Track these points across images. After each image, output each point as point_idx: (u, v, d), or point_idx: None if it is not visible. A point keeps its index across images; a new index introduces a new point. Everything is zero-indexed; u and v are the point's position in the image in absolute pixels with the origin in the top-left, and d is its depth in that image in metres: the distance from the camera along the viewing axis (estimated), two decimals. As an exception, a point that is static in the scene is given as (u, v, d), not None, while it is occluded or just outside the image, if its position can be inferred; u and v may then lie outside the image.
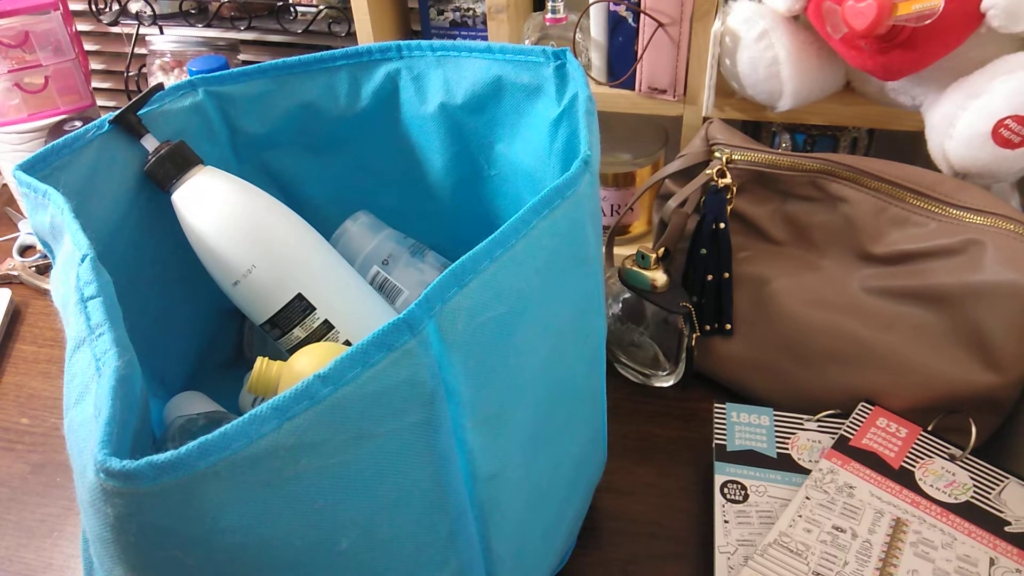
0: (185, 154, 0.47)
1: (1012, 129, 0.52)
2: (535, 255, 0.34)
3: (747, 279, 0.60)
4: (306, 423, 0.25)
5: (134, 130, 0.46)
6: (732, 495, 0.50)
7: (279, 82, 0.51)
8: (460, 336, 0.30)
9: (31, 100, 0.81)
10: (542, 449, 0.39)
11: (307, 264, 0.49)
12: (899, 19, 0.51)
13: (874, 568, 0.43)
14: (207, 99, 0.50)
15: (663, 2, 0.64)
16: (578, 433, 0.44)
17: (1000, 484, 0.48)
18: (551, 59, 0.45)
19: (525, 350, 0.35)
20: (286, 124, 0.53)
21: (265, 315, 0.49)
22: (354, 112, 0.53)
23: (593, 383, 0.45)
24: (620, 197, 0.77)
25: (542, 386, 0.37)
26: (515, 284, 0.33)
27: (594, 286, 0.41)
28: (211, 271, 0.48)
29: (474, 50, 0.48)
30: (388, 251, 0.57)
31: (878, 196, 0.54)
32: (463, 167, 0.55)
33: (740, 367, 0.60)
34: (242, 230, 0.47)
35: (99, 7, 0.92)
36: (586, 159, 0.37)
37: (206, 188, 0.47)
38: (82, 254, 0.32)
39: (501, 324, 0.32)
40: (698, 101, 0.68)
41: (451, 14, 0.81)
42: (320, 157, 0.56)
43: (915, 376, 0.53)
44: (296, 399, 0.25)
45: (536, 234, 0.33)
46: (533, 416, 0.37)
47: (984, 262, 0.50)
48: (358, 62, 0.51)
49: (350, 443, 0.27)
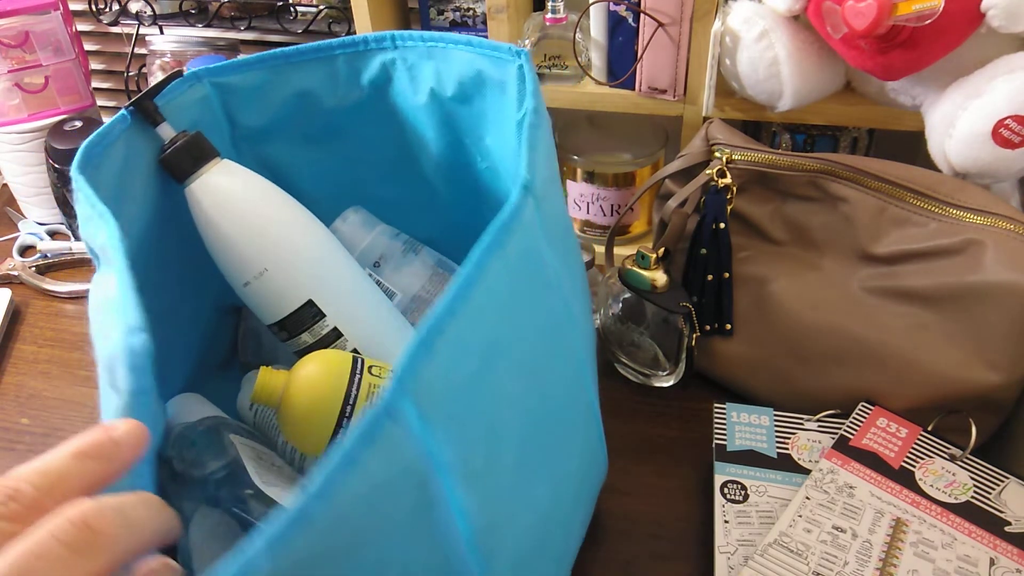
0: (203, 146, 0.46)
1: (1012, 129, 0.52)
2: (495, 298, 0.32)
3: (747, 279, 0.60)
4: (301, 546, 0.23)
5: (151, 118, 0.45)
6: (732, 495, 0.50)
7: (277, 71, 0.51)
8: (438, 407, 0.29)
9: (31, 100, 0.81)
10: (538, 478, 0.38)
11: (320, 271, 0.48)
12: (899, 19, 0.51)
13: (874, 568, 0.43)
14: (212, 91, 0.50)
15: (663, 2, 0.64)
16: (574, 449, 0.43)
17: (1000, 484, 0.48)
18: (515, 56, 0.44)
19: (503, 393, 0.34)
20: (284, 114, 0.53)
21: (274, 317, 0.48)
22: (351, 101, 0.53)
23: (582, 397, 0.44)
24: (620, 197, 0.77)
25: (526, 419, 0.36)
26: (481, 334, 0.31)
27: (562, 306, 0.40)
28: (222, 268, 0.48)
29: (459, 42, 0.47)
30: (379, 252, 0.56)
31: (878, 196, 0.54)
32: (457, 159, 0.54)
33: (740, 367, 0.60)
34: (258, 231, 0.46)
35: (99, 7, 0.92)
36: (526, 184, 0.35)
37: (224, 183, 0.46)
38: (130, 343, 0.30)
39: (476, 378, 0.31)
40: (698, 101, 0.68)
41: (451, 14, 0.81)
42: (317, 148, 0.56)
43: (915, 376, 0.53)
44: (289, 526, 0.23)
45: (491, 277, 0.32)
46: (521, 452, 0.36)
47: (984, 262, 0.50)
48: (354, 51, 0.51)
49: (350, 547, 0.25)
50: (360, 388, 0.43)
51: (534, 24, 0.72)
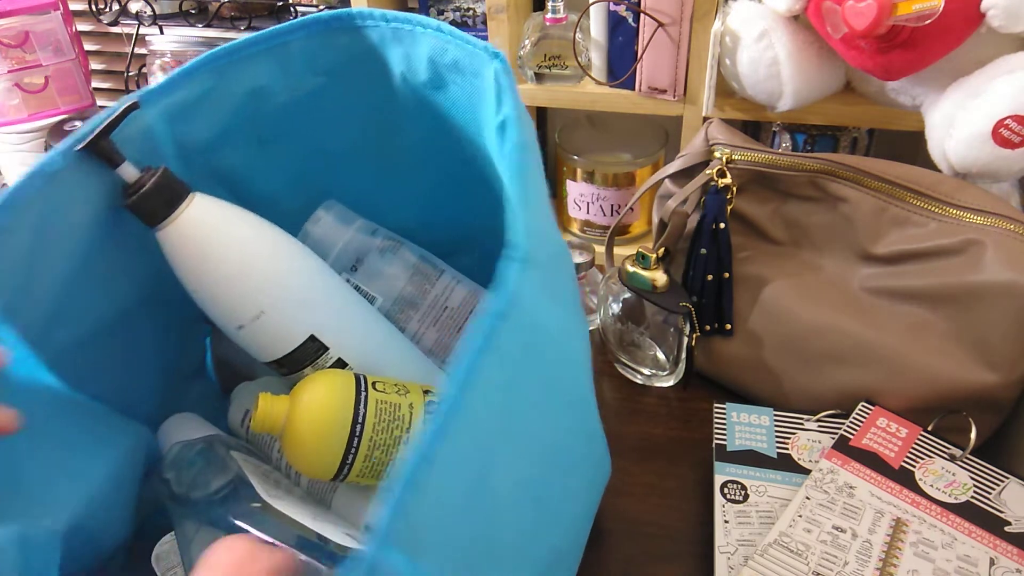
0: (174, 185, 0.41)
1: (1012, 129, 0.52)
2: (490, 401, 0.29)
3: (747, 279, 0.60)
4: None
5: (108, 158, 0.40)
6: (732, 495, 0.50)
7: (222, 73, 0.45)
8: (429, 539, 0.26)
9: (31, 100, 0.81)
10: (544, 537, 0.36)
11: (321, 304, 0.45)
12: (899, 19, 0.51)
13: (874, 568, 0.43)
14: (154, 116, 0.44)
15: (663, 2, 0.64)
16: (582, 490, 0.41)
17: (1000, 484, 0.48)
18: (492, 57, 0.40)
19: (502, 491, 0.31)
20: (234, 118, 0.47)
21: (272, 357, 0.45)
22: (308, 90, 0.48)
23: (586, 426, 0.42)
24: (620, 197, 0.77)
25: (530, 494, 0.34)
26: (476, 443, 0.28)
27: (566, 362, 0.36)
28: (211, 314, 0.44)
29: (428, 26, 0.43)
30: (355, 254, 0.52)
31: (878, 196, 0.54)
32: (433, 146, 0.50)
33: (740, 367, 0.60)
34: (250, 272, 0.42)
35: (99, 7, 0.92)
36: (525, 258, 0.30)
37: (204, 225, 0.42)
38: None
39: (469, 494, 0.28)
40: (698, 101, 0.68)
41: (451, 14, 0.81)
42: (274, 146, 0.51)
43: (915, 376, 0.53)
44: None
45: (484, 381, 0.28)
46: (525, 529, 0.34)
47: (984, 262, 0.50)
48: (307, 34, 0.46)
49: None
50: (367, 406, 0.42)
51: (534, 24, 0.72)
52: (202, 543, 0.39)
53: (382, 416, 0.42)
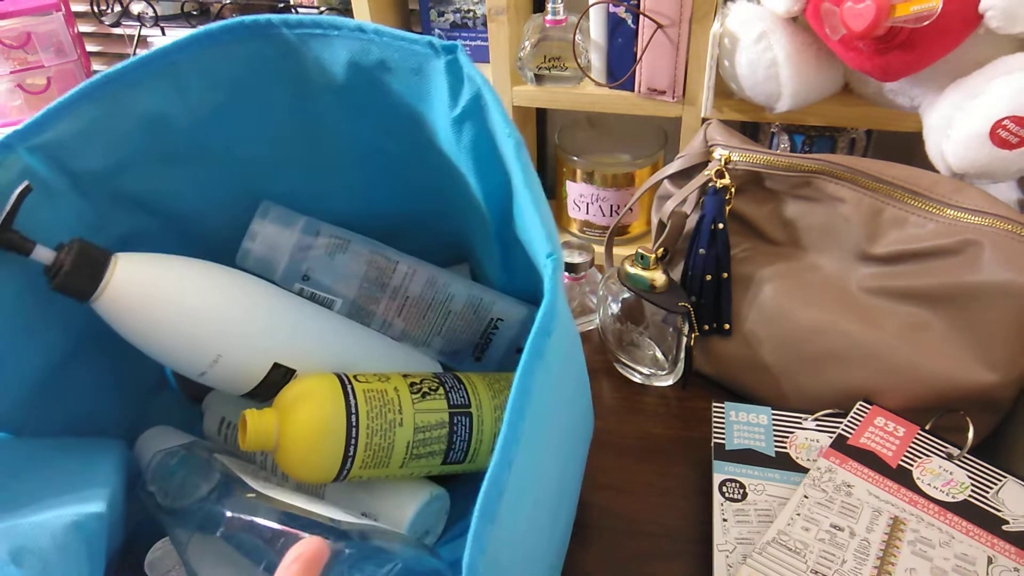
0: (92, 254, 0.39)
1: (1010, 130, 0.53)
2: (542, 421, 0.30)
3: (746, 279, 0.60)
4: None
5: (18, 248, 0.38)
6: (731, 494, 0.50)
7: (109, 101, 0.42)
8: (504, 567, 0.27)
9: (33, 101, 0.82)
10: (566, 499, 0.38)
11: (276, 329, 0.44)
12: (897, 20, 0.51)
13: (872, 566, 0.44)
14: (32, 158, 0.41)
15: (662, 4, 0.65)
16: (585, 440, 0.43)
17: (998, 483, 0.48)
18: (440, 53, 0.38)
19: (545, 497, 0.32)
20: (132, 143, 0.44)
21: (243, 391, 0.45)
22: (211, 107, 0.45)
23: (587, 394, 0.43)
24: (620, 197, 0.78)
25: (560, 480, 0.35)
26: (535, 463, 0.29)
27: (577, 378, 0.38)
28: (169, 367, 0.43)
29: (341, 28, 0.41)
30: (304, 262, 0.49)
31: (876, 197, 0.54)
32: (372, 145, 0.49)
33: (739, 366, 0.60)
34: (196, 323, 0.41)
35: (101, 8, 0.92)
36: (556, 262, 0.31)
37: (134, 286, 0.40)
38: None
39: (533, 511, 0.30)
40: (697, 102, 0.69)
41: (451, 16, 0.81)
42: (183, 165, 0.47)
43: (913, 375, 0.53)
44: None
45: (536, 402, 0.29)
46: (544, 527, 0.35)
47: (982, 262, 0.50)
48: (199, 49, 0.42)
49: None
50: (357, 397, 0.42)
51: (534, 26, 0.72)
52: (199, 549, 0.38)
53: (373, 403, 0.43)
